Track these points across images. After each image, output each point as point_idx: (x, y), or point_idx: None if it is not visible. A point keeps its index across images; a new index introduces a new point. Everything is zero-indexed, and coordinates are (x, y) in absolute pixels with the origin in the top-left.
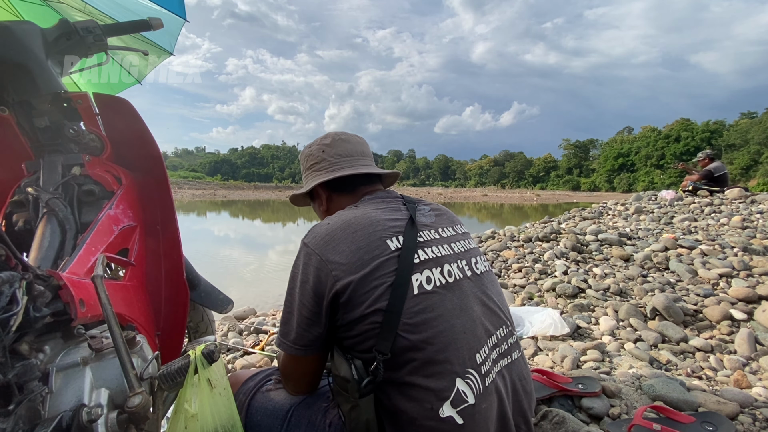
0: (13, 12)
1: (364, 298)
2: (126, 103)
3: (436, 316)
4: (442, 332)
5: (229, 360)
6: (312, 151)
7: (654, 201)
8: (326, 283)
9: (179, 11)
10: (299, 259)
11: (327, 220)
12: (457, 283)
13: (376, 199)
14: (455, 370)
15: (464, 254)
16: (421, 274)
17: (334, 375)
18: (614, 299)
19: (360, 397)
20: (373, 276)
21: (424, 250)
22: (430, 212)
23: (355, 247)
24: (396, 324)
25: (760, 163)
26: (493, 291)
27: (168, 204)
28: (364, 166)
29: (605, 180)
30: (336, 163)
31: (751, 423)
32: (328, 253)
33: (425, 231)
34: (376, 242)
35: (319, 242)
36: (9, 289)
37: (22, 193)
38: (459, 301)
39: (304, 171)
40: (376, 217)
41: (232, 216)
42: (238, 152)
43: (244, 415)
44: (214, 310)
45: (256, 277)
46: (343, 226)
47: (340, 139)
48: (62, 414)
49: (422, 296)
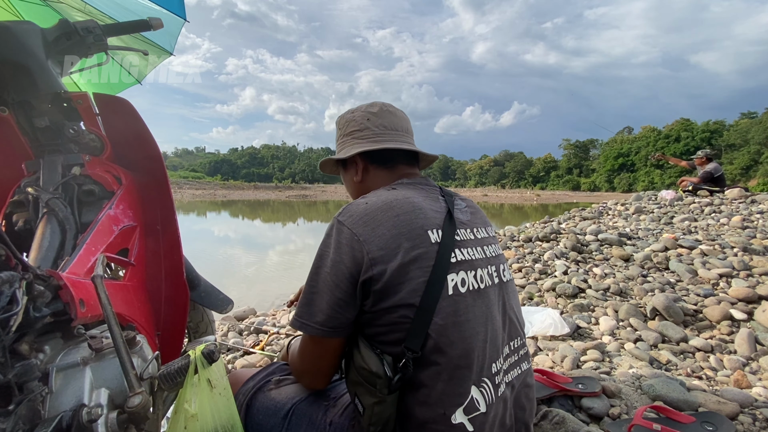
0: (13, 12)
1: (399, 288)
2: (126, 103)
3: (464, 321)
4: (467, 338)
5: (229, 360)
6: (355, 117)
7: (654, 201)
8: (361, 264)
9: (179, 11)
10: (330, 237)
11: (365, 199)
12: (485, 290)
13: (416, 184)
14: (473, 378)
15: (494, 260)
16: (457, 275)
17: (359, 368)
18: (614, 299)
19: (388, 394)
20: (411, 267)
21: (460, 250)
22: (466, 209)
23: (396, 232)
24: (428, 322)
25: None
26: (514, 301)
27: (168, 204)
28: (407, 143)
29: (605, 180)
30: (380, 134)
31: (751, 423)
32: (366, 234)
33: (462, 229)
34: (417, 231)
35: (357, 221)
36: (9, 289)
37: (22, 193)
38: (486, 309)
39: (341, 137)
40: (418, 204)
41: (232, 216)
42: (238, 152)
43: (244, 414)
44: (214, 310)
45: (256, 277)
46: (384, 207)
47: (388, 111)
48: (62, 414)
49: (455, 298)
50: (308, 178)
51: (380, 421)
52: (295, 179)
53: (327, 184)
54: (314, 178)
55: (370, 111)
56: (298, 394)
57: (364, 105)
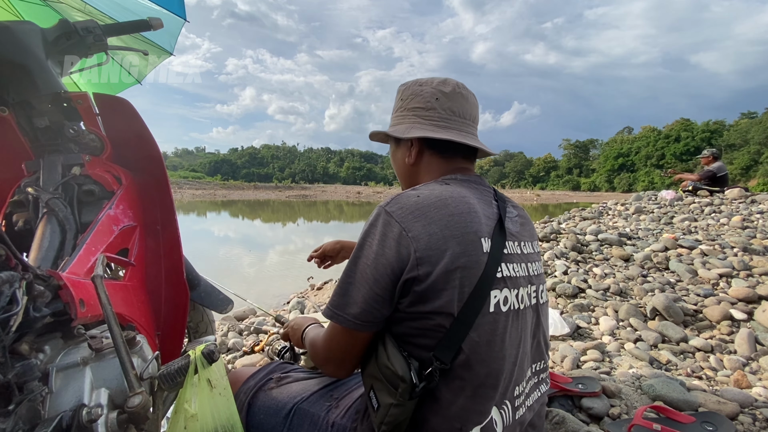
0: (13, 12)
1: (440, 294)
2: (126, 103)
3: (499, 341)
4: (498, 359)
5: (229, 360)
6: (423, 91)
7: (654, 201)
8: (406, 262)
9: (179, 11)
10: (375, 227)
11: (416, 191)
12: (523, 311)
13: (470, 182)
14: (495, 399)
15: (535, 279)
16: (500, 291)
17: (382, 365)
18: (614, 299)
19: (409, 399)
20: (457, 274)
21: (507, 265)
22: (516, 218)
23: (448, 233)
24: (463, 336)
25: (760, 163)
26: (546, 323)
27: (168, 204)
28: (472, 135)
29: (605, 180)
30: (447, 119)
31: (751, 423)
32: (415, 230)
33: (510, 241)
34: (471, 236)
35: (407, 214)
36: (9, 289)
37: (22, 193)
38: (521, 332)
39: (401, 109)
40: (474, 206)
41: (232, 216)
42: (238, 152)
43: (245, 414)
44: (214, 310)
45: (256, 277)
46: (438, 204)
47: (460, 94)
48: (62, 414)
49: (495, 316)
50: (308, 178)
51: (393, 423)
52: (295, 179)
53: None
54: (314, 178)
55: (442, 90)
56: (300, 393)
57: (435, 79)
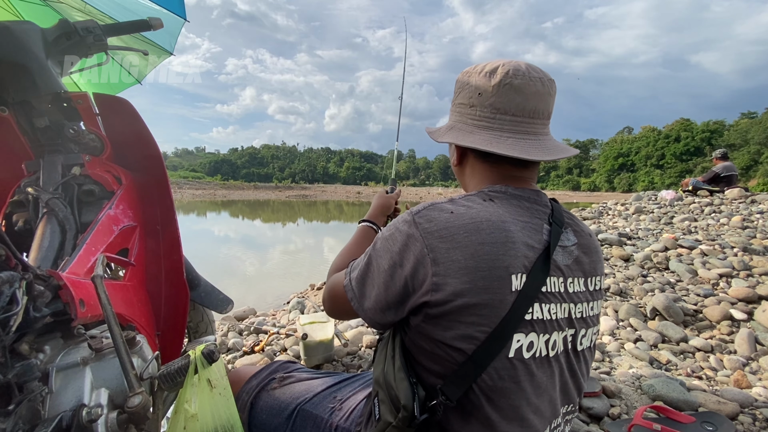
0: (13, 12)
1: (454, 326)
2: (126, 103)
3: (518, 390)
4: (515, 408)
5: (229, 360)
6: (470, 83)
7: (654, 201)
8: (422, 283)
9: (179, 11)
10: (400, 234)
11: (452, 206)
12: (554, 358)
13: (522, 200)
14: None
15: (579, 323)
16: (526, 336)
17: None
18: (614, 299)
19: (407, 426)
20: (476, 310)
21: (541, 306)
22: (573, 247)
23: (474, 264)
24: (475, 377)
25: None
26: (582, 370)
27: (168, 204)
28: (528, 136)
29: (605, 180)
30: (489, 118)
31: (751, 423)
32: (438, 252)
33: (553, 277)
34: (499, 272)
35: (433, 232)
36: (9, 289)
37: (22, 193)
38: (546, 381)
39: (452, 102)
40: (514, 234)
41: (232, 216)
42: (238, 152)
43: (247, 413)
44: (214, 310)
45: (256, 277)
46: (470, 228)
47: (509, 85)
48: (62, 414)
49: (515, 362)
50: (308, 178)
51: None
52: (295, 179)
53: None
54: (314, 178)
55: (486, 82)
56: (303, 394)
57: (486, 66)
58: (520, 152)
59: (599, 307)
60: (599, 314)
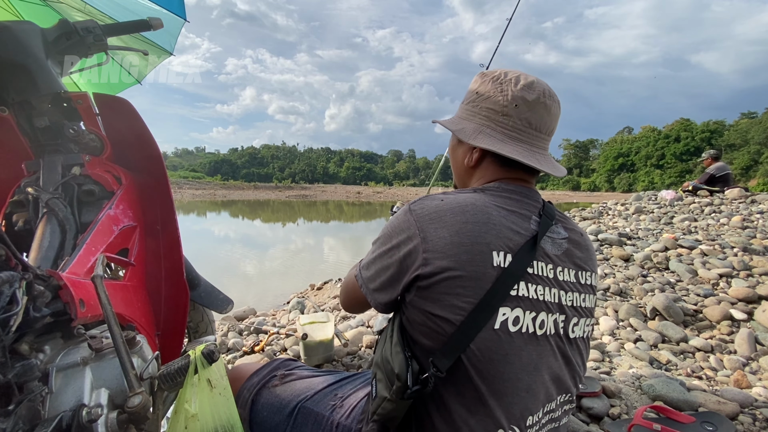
0: (13, 12)
1: (443, 299)
2: (126, 103)
3: (505, 363)
4: (503, 381)
5: (229, 360)
6: (503, 94)
7: (654, 201)
8: (415, 260)
9: (179, 11)
10: (399, 222)
11: (443, 196)
12: (543, 338)
13: (512, 193)
14: (501, 422)
15: (570, 311)
16: (511, 311)
17: (384, 359)
18: (614, 299)
19: (400, 399)
20: (461, 283)
21: (527, 285)
22: (562, 241)
23: (457, 240)
24: (463, 348)
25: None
26: (577, 359)
27: (168, 204)
28: (542, 153)
29: (605, 180)
30: (521, 130)
31: (751, 423)
32: (428, 231)
33: (541, 262)
34: (480, 247)
35: (425, 216)
36: (9, 289)
37: (22, 193)
38: (536, 359)
39: (473, 101)
40: (495, 218)
41: (232, 216)
42: (238, 152)
43: (248, 410)
44: (214, 310)
45: (256, 277)
46: (456, 210)
47: (543, 105)
48: (62, 414)
49: (501, 334)
50: (308, 178)
51: (385, 417)
52: (295, 179)
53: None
54: (314, 178)
55: (524, 97)
56: (304, 392)
57: (520, 78)
58: (550, 169)
59: (592, 302)
60: (593, 308)
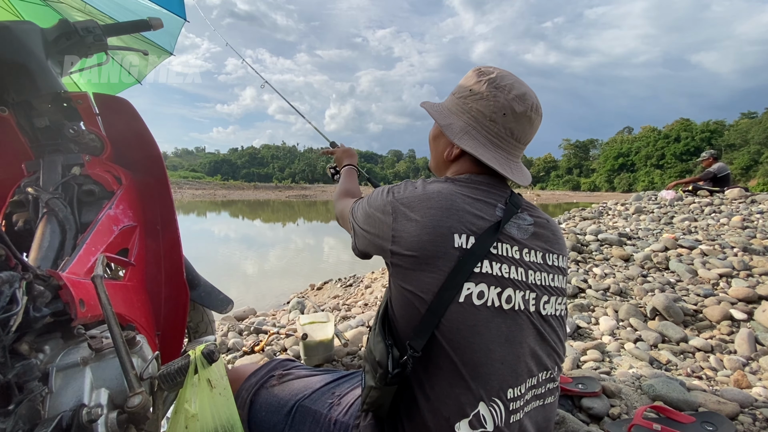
0: (13, 12)
1: (413, 277)
2: (126, 103)
3: (474, 334)
4: (475, 351)
5: (229, 360)
6: (497, 99)
7: (654, 201)
8: (388, 236)
9: (179, 11)
10: (382, 199)
11: (418, 184)
12: (513, 312)
13: (479, 184)
14: (480, 394)
15: (538, 289)
16: (476, 286)
17: (368, 351)
18: (614, 299)
19: (384, 385)
20: (426, 264)
21: (491, 263)
22: (528, 227)
23: (422, 224)
24: (434, 324)
25: (760, 163)
26: (552, 336)
27: (168, 204)
28: (515, 162)
29: (605, 180)
30: (503, 138)
31: (751, 423)
32: (399, 213)
33: (505, 244)
34: (441, 230)
35: (401, 199)
36: (9, 289)
37: (22, 193)
38: (507, 331)
39: (462, 98)
40: (458, 204)
41: (232, 216)
42: (238, 152)
43: (247, 411)
44: (214, 310)
45: (255, 277)
46: (424, 197)
47: (528, 118)
48: (62, 414)
49: (466, 306)
50: (308, 178)
51: (374, 405)
52: (295, 179)
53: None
54: (314, 178)
55: (514, 108)
56: (302, 390)
57: (514, 88)
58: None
59: (562, 282)
60: (563, 288)
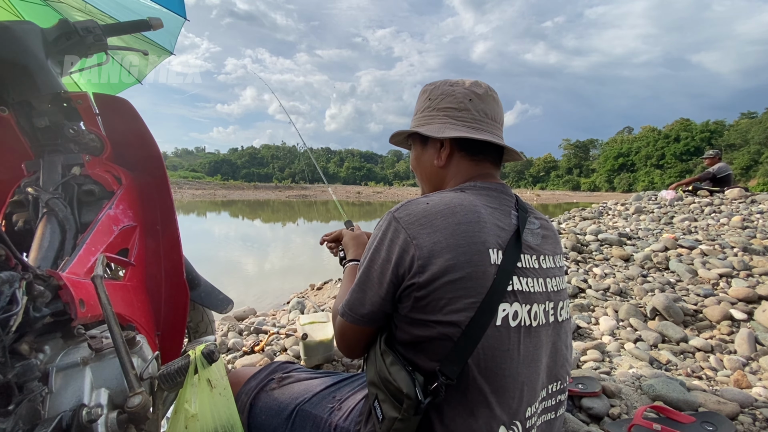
0: (13, 12)
1: (443, 304)
2: (126, 103)
3: (507, 359)
4: (505, 377)
5: (229, 360)
6: (455, 92)
7: (654, 201)
8: (409, 269)
9: (179, 10)
10: (385, 233)
11: (426, 199)
12: (537, 329)
13: (490, 191)
14: (502, 418)
15: (554, 296)
16: (510, 306)
17: (385, 380)
18: (614, 299)
19: (414, 414)
20: (462, 284)
21: (519, 279)
22: (538, 230)
23: (453, 242)
24: (471, 351)
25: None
26: (565, 342)
27: (168, 204)
28: (501, 139)
29: (605, 180)
30: (480, 120)
31: (751, 423)
32: (420, 237)
33: (526, 255)
34: (477, 246)
35: (413, 221)
36: (9, 289)
37: (22, 193)
38: (533, 350)
39: (428, 109)
40: (484, 216)
41: (232, 216)
42: (238, 152)
43: (247, 414)
44: (214, 310)
45: (255, 277)
46: (446, 212)
47: (492, 97)
48: (62, 414)
49: (503, 330)
50: (308, 178)
51: None
52: (295, 179)
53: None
54: (314, 178)
55: (475, 91)
56: (302, 394)
57: (467, 80)
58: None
59: (565, 282)
60: (566, 288)
